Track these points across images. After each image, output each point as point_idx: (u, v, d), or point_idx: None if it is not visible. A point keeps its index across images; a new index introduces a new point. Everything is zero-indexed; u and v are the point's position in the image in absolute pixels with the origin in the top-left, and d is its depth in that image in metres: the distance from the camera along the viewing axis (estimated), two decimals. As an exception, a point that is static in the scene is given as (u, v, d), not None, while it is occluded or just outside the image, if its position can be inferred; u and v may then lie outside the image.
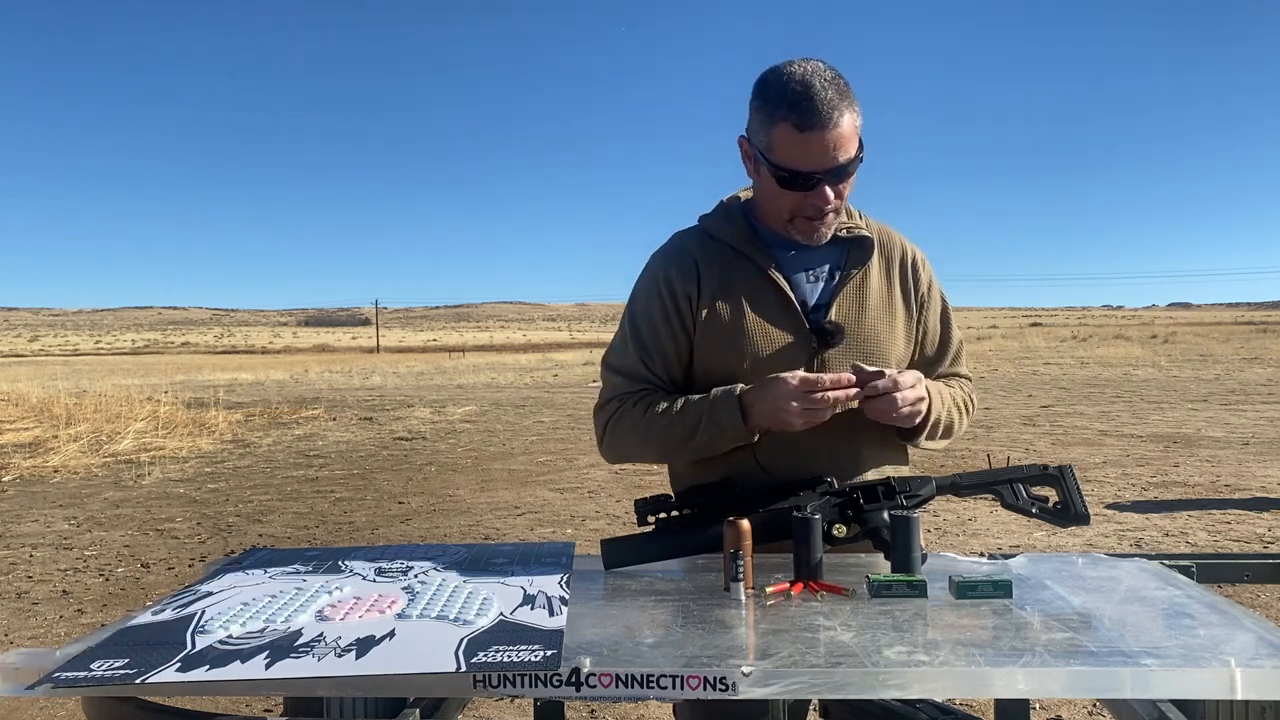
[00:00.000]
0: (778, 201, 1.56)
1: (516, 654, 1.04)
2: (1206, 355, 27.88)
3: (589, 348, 58.53)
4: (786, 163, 1.49)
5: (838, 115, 1.46)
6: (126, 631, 1.16)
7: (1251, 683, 0.99)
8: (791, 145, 1.48)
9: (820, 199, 1.52)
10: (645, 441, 1.62)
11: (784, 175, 1.51)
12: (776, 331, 1.60)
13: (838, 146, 1.47)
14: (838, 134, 1.46)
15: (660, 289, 1.65)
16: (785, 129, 1.47)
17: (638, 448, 1.64)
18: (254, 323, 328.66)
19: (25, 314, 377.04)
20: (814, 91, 1.45)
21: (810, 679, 0.99)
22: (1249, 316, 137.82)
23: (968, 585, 1.28)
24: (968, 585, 1.28)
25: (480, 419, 14.53)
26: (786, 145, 1.48)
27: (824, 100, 1.45)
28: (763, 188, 1.60)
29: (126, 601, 5.00)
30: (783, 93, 1.47)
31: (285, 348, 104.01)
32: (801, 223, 1.58)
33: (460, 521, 6.91)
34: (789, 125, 1.46)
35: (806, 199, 1.53)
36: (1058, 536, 5.74)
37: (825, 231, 1.59)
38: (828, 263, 1.65)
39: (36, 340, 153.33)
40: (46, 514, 7.60)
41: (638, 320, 1.67)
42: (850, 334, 1.61)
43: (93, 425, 12.89)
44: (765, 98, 1.50)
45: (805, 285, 1.63)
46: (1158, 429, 11.20)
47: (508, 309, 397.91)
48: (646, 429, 1.60)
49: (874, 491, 1.47)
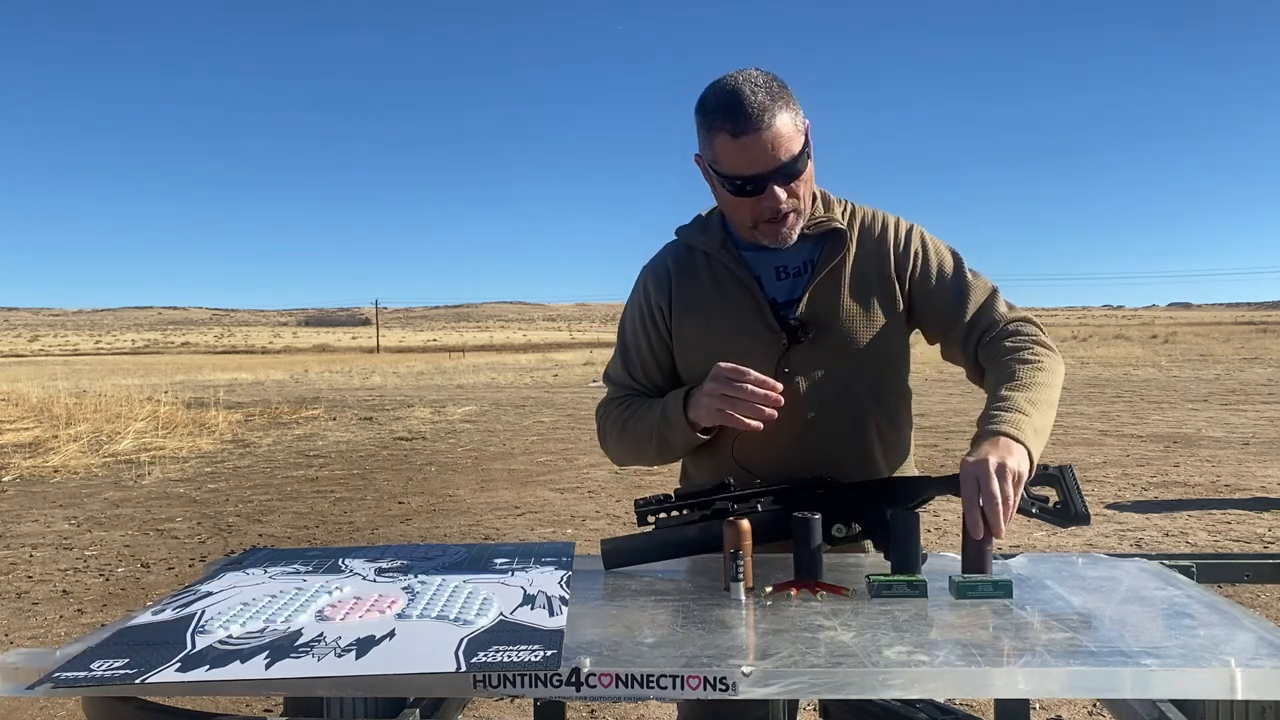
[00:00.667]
0: (737, 211, 1.58)
1: (516, 654, 1.04)
2: (1207, 355, 27.88)
3: (589, 348, 58.53)
4: (730, 170, 1.52)
5: (769, 117, 1.48)
6: (126, 631, 1.16)
7: (1251, 683, 0.99)
8: (731, 153, 1.50)
9: (772, 200, 1.53)
10: (623, 442, 1.71)
11: (731, 183, 1.53)
12: (746, 331, 1.61)
13: (776, 146, 1.49)
14: (773, 134, 1.48)
15: (640, 300, 1.74)
16: (723, 138, 1.50)
17: (620, 449, 1.73)
18: (254, 323, 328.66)
19: (25, 314, 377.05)
20: (743, 97, 1.47)
21: (810, 679, 0.99)
22: (1249, 316, 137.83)
23: (968, 585, 1.28)
24: (968, 585, 1.28)
25: (480, 419, 14.53)
26: (727, 153, 1.51)
27: (754, 104, 1.47)
28: (723, 204, 1.63)
29: (126, 601, 5.00)
30: (716, 104, 1.50)
31: (285, 348, 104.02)
32: (765, 227, 1.58)
33: (460, 521, 6.91)
34: (725, 134, 1.49)
35: (760, 203, 1.54)
36: (1058, 536, 5.74)
37: (789, 232, 1.59)
38: (800, 260, 1.64)
39: (36, 340, 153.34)
40: (46, 514, 7.60)
41: (624, 330, 1.78)
42: (824, 329, 1.60)
43: (93, 425, 12.89)
44: (703, 112, 1.53)
45: (775, 284, 1.64)
46: (1158, 429, 11.20)
47: (508, 309, 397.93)
48: (622, 430, 1.70)
49: (874, 491, 1.47)
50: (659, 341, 1.71)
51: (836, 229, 1.63)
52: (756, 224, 1.58)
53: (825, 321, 1.60)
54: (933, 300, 1.65)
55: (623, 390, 1.75)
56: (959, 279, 1.65)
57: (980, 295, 1.64)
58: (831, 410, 1.60)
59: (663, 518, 1.47)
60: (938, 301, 1.65)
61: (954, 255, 1.69)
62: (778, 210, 1.55)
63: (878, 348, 1.63)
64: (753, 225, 1.58)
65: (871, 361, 1.63)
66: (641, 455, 1.71)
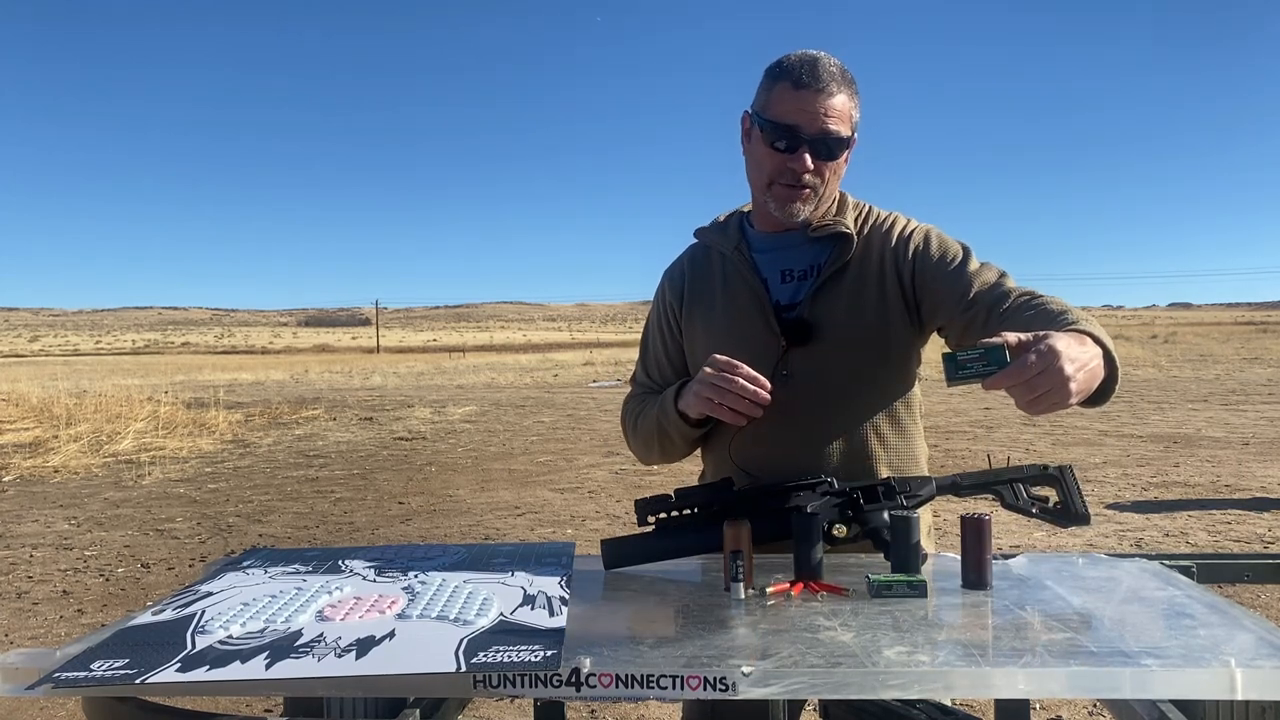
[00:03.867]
0: (761, 165, 1.60)
1: (516, 654, 1.04)
2: (1206, 355, 27.87)
3: (589, 348, 58.48)
4: (776, 116, 1.55)
5: (834, 86, 1.53)
6: (126, 631, 1.16)
7: (1251, 683, 0.99)
8: (785, 100, 1.54)
9: (799, 163, 1.55)
10: (636, 438, 1.77)
11: (771, 130, 1.55)
12: (747, 332, 1.63)
13: (827, 114, 1.53)
14: (830, 103, 1.53)
15: (657, 301, 1.82)
16: (783, 86, 1.54)
17: (635, 444, 1.79)
18: (254, 323, 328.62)
19: (25, 314, 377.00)
20: (819, 62, 1.54)
21: (810, 679, 0.99)
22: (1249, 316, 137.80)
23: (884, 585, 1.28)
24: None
25: (480, 419, 14.53)
26: (780, 100, 1.54)
27: (825, 70, 1.53)
28: (751, 156, 1.64)
29: (126, 601, 5.00)
30: (792, 61, 1.56)
31: (285, 348, 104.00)
32: (779, 190, 1.58)
33: (460, 521, 6.91)
34: (787, 83, 1.54)
35: (786, 161, 1.55)
36: (1058, 536, 5.74)
37: (800, 207, 1.59)
38: (808, 263, 1.64)
39: (36, 340, 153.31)
40: (46, 514, 7.60)
41: (646, 331, 1.86)
42: (827, 332, 1.59)
43: (93, 425, 12.89)
44: (776, 65, 1.58)
45: (781, 286, 1.64)
46: (1158, 429, 11.20)
47: (508, 309, 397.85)
48: (635, 427, 1.76)
49: (874, 491, 1.47)
50: (672, 340, 1.77)
51: (843, 233, 1.63)
52: (773, 183, 1.59)
53: (826, 325, 1.60)
54: (937, 285, 1.57)
55: (641, 389, 1.82)
56: (965, 262, 1.57)
57: (990, 275, 1.54)
58: (829, 414, 1.60)
59: (663, 518, 1.47)
60: (942, 286, 1.56)
61: (962, 245, 1.62)
62: (799, 178, 1.56)
63: (881, 352, 1.61)
64: (769, 184, 1.59)
65: (873, 365, 1.61)
66: (650, 451, 1.75)
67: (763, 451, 1.59)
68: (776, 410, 1.51)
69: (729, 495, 1.47)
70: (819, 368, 1.60)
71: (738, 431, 1.57)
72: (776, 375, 1.57)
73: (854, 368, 1.60)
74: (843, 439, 1.61)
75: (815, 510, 1.41)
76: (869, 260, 1.63)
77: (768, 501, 1.47)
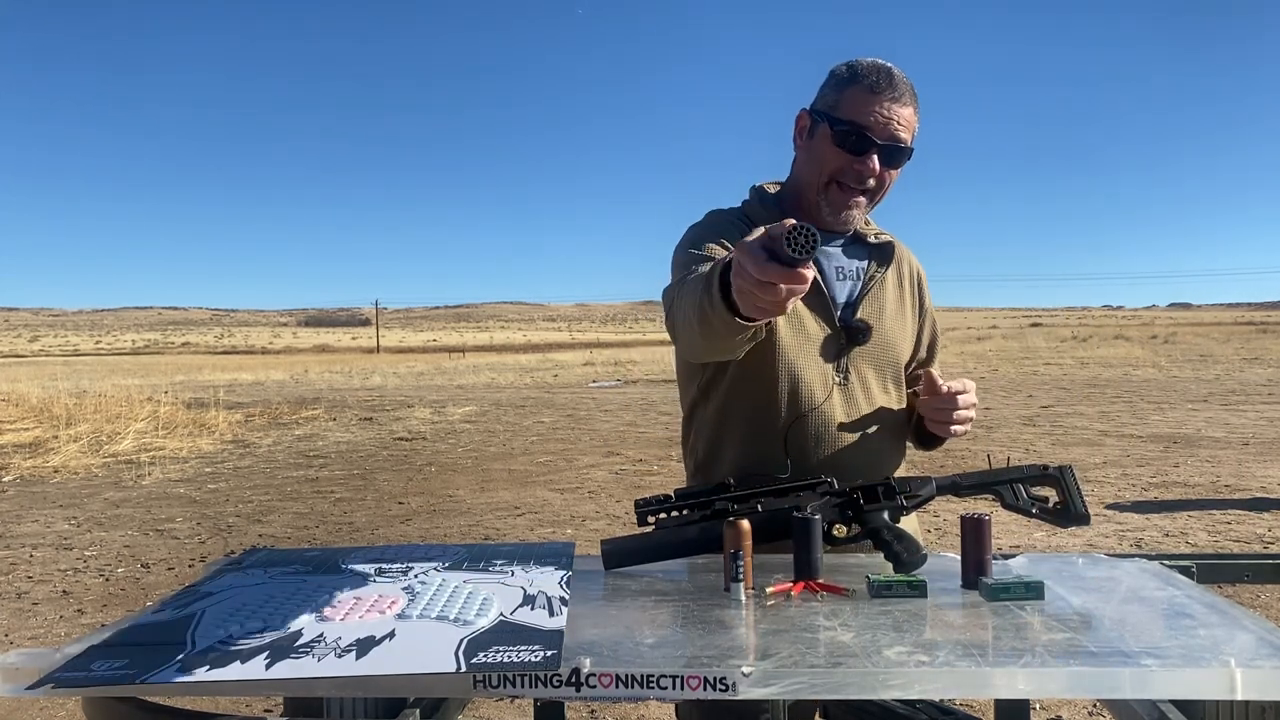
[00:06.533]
0: (823, 163, 1.58)
1: (516, 654, 1.04)
2: (1206, 355, 27.87)
3: (589, 348, 58.51)
4: (848, 115, 1.54)
5: (908, 97, 1.56)
6: (126, 631, 1.16)
7: (1251, 683, 0.99)
8: (860, 102, 1.54)
9: (866, 167, 1.55)
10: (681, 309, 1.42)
11: (844, 129, 1.55)
12: (809, 325, 1.61)
13: (900, 122, 1.55)
14: (903, 111, 1.55)
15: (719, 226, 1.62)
16: (857, 89, 1.55)
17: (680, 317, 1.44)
18: (254, 323, 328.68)
19: (25, 314, 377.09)
20: (894, 73, 1.56)
21: (810, 679, 0.99)
22: (1249, 316, 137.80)
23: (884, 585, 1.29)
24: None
25: (480, 419, 14.53)
26: (856, 101, 1.54)
27: (900, 81, 1.55)
28: (810, 153, 1.61)
29: (126, 601, 5.00)
30: (867, 67, 1.56)
31: (285, 348, 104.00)
32: (836, 192, 1.59)
33: (460, 521, 6.91)
34: (864, 87, 1.54)
35: (853, 163, 1.56)
36: (1058, 536, 5.74)
37: (854, 213, 1.61)
38: (854, 264, 1.68)
39: (36, 340, 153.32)
40: (46, 514, 7.60)
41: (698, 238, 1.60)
42: (873, 335, 1.64)
43: (93, 425, 12.88)
44: (849, 70, 1.58)
45: (836, 283, 1.65)
46: (1158, 429, 11.20)
47: (508, 309, 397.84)
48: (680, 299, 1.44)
49: (874, 491, 1.47)
50: None
51: (889, 241, 1.70)
52: (832, 183, 1.58)
53: (874, 328, 1.64)
54: (921, 345, 1.78)
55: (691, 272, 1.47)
56: (934, 340, 1.82)
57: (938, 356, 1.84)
58: (878, 415, 1.65)
59: (663, 518, 1.47)
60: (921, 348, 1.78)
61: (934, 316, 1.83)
62: (863, 180, 1.57)
63: (903, 358, 1.71)
64: (828, 181, 1.58)
65: (899, 371, 1.70)
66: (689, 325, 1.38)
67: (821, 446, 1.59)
68: (836, 410, 1.59)
69: (729, 495, 1.47)
70: (870, 367, 1.65)
71: (794, 422, 1.57)
72: (836, 372, 1.61)
73: (890, 374, 1.68)
74: (888, 435, 1.66)
75: (815, 510, 1.41)
76: (897, 277, 1.72)
77: (767, 502, 1.47)
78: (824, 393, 1.59)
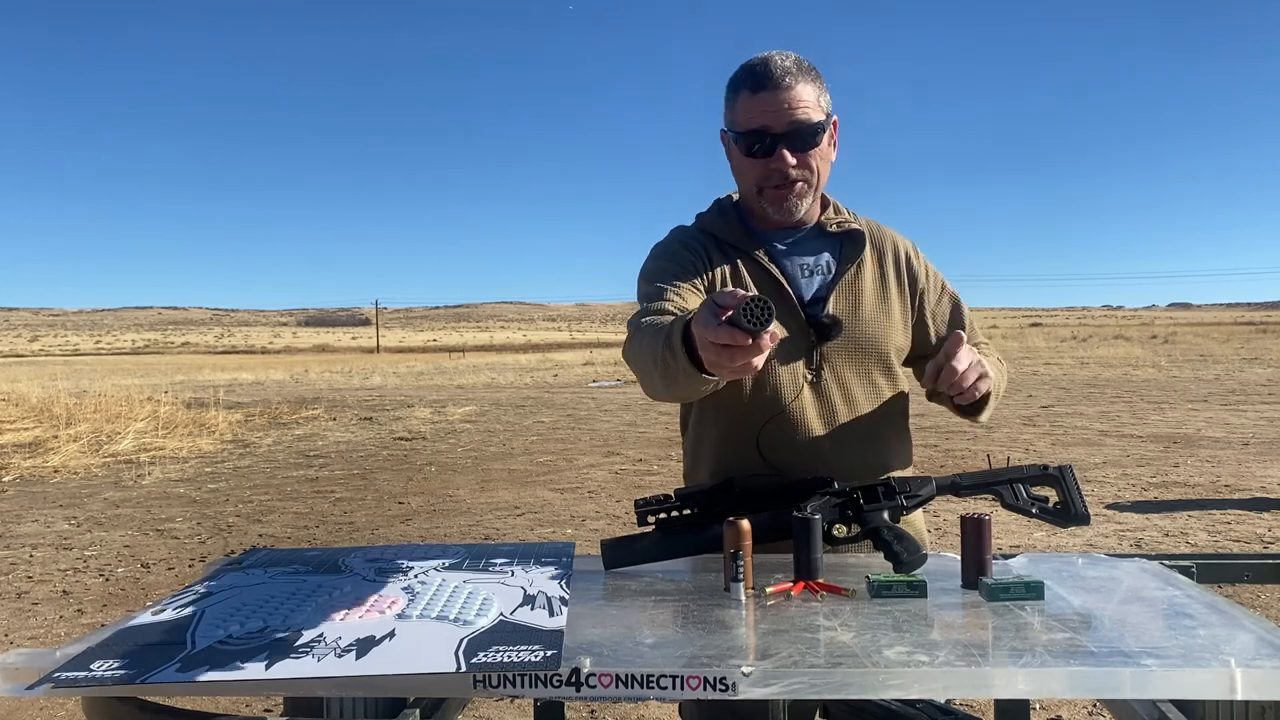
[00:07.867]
0: (746, 175, 1.61)
1: (516, 654, 1.04)
2: (1206, 355, 27.88)
3: (589, 348, 58.50)
4: (745, 125, 1.55)
5: (791, 79, 1.53)
6: (126, 632, 1.16)
7: (1251, 683, 0.99)
8: (748, 108, 1.55)
9: (780, 162, 1.55)
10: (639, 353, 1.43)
11: (744, 140, 1.56)
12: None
13: (792, 106, 1.53)
14: (792, 95, 1.53)
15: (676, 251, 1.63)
16: (744, 95, 1.56)
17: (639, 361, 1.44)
18: (254, 323, 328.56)
19: (25, 314, 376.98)
20: (770, 62, 1.54)
21: (810, 679, 0.99)
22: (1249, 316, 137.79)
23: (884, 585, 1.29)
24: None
25: (480, 419, 14.53)
26: (745, 109, 1.55)
27: (778, 67, 1.53)
28: (735, 168, 1.64)
29: (126, 601, 5.00)
30: (744, 69, 1.57)
31: (285, 348, 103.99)
32: (770, 193, 1.59)
33: (460, 521, 6.91)
34: (746, 91, 1.55)
35: (769, 165, 1.56)
36: (1058, 536, 5.74)
37: (796, 203, 1.60)
38: (820, 258, 1.65)
39: (36, 340, 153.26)
40: (46, 514, 7.60)
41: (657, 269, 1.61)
42: (847, 328, 1.61)
43: (93, 425, 12.88)
44: (732, 79, 1.59)
45: (801, 280, 1.64)
46: (1158, 429, 11.20)
47: (508, 309, 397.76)
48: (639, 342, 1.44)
49: (874, 491, 1.47)
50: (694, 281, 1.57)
51: (856, 230, 1.66)
52: (762, 189, 1.59)
53: (849, 320, 1.62)
54: (936, 316, 1.72)
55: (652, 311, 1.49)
56: (959, 311, 1.75)
57: (971, 327, 1.74)
58: (858, 409, 1.62)
59: (663, 518, 1.47)
60: (938, 318, 1.73)
61: (952, 289, 1.78)
62: (786, 175, 1.56)
63: (893, 349, 1.66)
64: (759, 190, 1.59)
65: (887, 364, 1.66)
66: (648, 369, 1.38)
67: (794, 446, 1.58)
68: (807, 409, 1.56)
69: (729, 495, 1.47)
70: (845, 363, 1.62)
71: (765, 425, 1.57)
72: (806, 372, 1.59)
73: (873, 366, 1.64)
74: (869, 434, 1.63)
75: (815, 510, 1.41)
76: (878, 262, 1.68)
77: (768, 502, 1.47)
78: (793, 392, 1.58)
